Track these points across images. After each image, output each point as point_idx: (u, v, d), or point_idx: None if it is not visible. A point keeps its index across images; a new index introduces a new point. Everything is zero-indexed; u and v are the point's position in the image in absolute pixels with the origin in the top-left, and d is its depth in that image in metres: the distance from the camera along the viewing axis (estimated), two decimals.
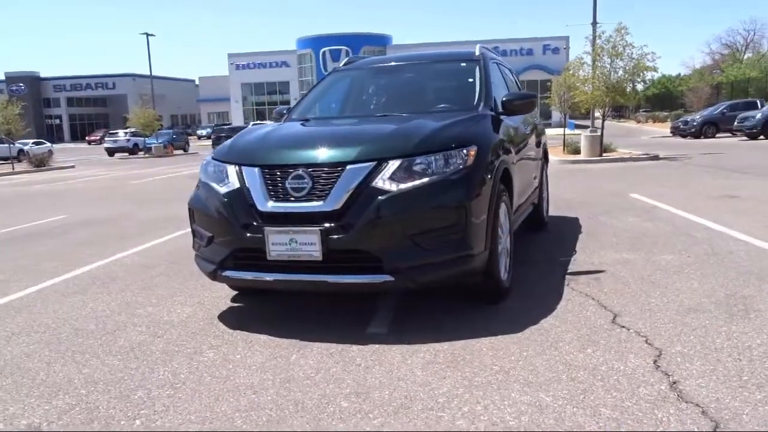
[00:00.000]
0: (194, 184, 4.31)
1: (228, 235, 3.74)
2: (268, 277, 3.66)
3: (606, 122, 19.73)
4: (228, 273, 3.79)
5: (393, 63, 5.65)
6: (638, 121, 54.70)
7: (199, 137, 60.71)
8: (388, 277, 3.48)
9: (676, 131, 33.54)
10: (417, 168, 3.56)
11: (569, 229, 6.88)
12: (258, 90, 65.08)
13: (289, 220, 3.57)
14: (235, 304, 4.46)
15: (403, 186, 3.50)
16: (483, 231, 3.68)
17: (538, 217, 6.51)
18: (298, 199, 3.58)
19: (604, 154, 18.43)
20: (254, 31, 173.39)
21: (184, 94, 79.86)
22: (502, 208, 4.07)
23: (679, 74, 62.78)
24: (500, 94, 4.91)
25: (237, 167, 3.83)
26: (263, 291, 4.46)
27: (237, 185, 3.76)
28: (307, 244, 3.49)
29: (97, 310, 4.52)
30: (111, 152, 39.91)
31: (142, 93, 52.30)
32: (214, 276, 3.88)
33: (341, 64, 5.70)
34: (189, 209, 4.12)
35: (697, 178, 11.63)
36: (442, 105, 4.77)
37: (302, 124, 4.65)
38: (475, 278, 3.77)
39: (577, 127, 45.74)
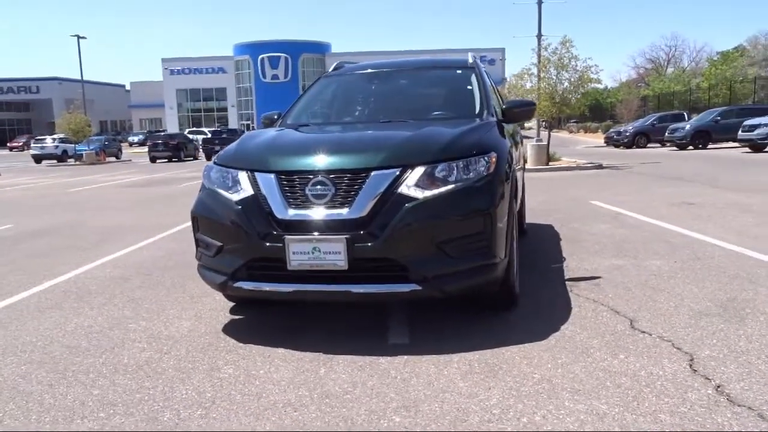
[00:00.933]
0: (138, 192, 4.15)
1: (242, 244, 3.56)
2: (287, 288, 3.50)
3: (543, 132, 20.27)
4: (241, 284, 3.61)
5: (386, 69, 5.57)
6: (570, 132, 56.52)
7: (131, 144, 58.81)
8: (415, 286, 3.40)
9: (609, 141, 34.86)
10: (439, 175, 3.50)
11: (548, 236, 6.97)
12: (194, 96, 63.66)
13: (310, 228, 3.43)
14: (236, 317, 4.27)
15: (428, 193, 3.42)
16: (504, 238, 3.65)
17: (519, 223, 6.54)
18: (319, 207, 3.44)
19: (550, 163, 18.89)
20: (189, 36, 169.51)
21: (114, 99, 77.25)
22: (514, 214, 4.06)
23: (606, 87, 65.21)
24: (493, 102, 4.91)
25: (248, 173, 3.66)
26: (264, 303, 4.28)
27: (250, 192, 3.59)
28: (332, 252, 3.36)
29: (83, 325, 4.23)
30: (38, 159, 38.07)
31: (69, 98, 50.23)
32: (224, 288, 3.69)
33: (330, 70, 5.58)
34: (193, 217, 3.91)
35: (647, 186, 12.05)
36: (444, 112, 4.73)
37: (308, 130, 4.50)
38: (495, 286, 3.72)
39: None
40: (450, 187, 3.47)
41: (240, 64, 60.66)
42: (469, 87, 4.94)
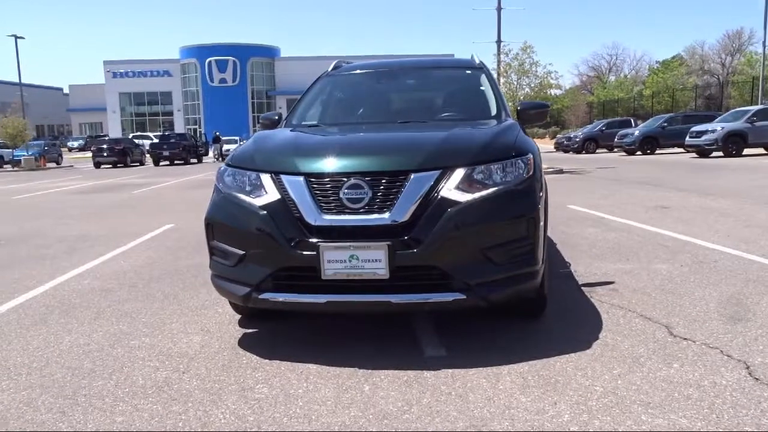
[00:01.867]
0: (91, 199, 3.86)
1: (269, 252, 3.30)
2: (320, 299, 3.26)
3: None
4: (268, 296, 3.34)
5: (392, 68, 5.36)
6: None
7: (70, 149, 56.66)
8: (459, 295, 3.21)
9: (559, 146, 35.58)
10: (479, 177, 3.32)
11: None
12: (137, 100, 61.84)
13: (346, 234, 3.20)
14: (249, 330, 3.98)
15: (471, 196, 3.24)
16: (542, 244, 3.50)
17: None
18: (355, 211, 3.22)
19: None
20: (132, 38, 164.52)
21: (51, 102, 74.28)
22: None
23: (552, 93, 66.74)
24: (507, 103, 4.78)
25: (272, 176, 3.40)
26: (278, 315, 4.01)
27: (276, 196, 3.33)
28: (371, 260, 3.14)
29: (78, 343, 3.86)
30: None
31: (4, 101, 47.99)
32: (247, 300, 3.41)
33: (330, 69, 5.33)
34: (207, 224, 3.61)
35: (614, 190, 12.20)
36: (460, 113, 4.55)
37: (328, 131, 4.25)
38: (533, 294, 3.56)
39: None
40: (492, 190, 3.29)
41: (186, 67, 59.25)
42: (482, 88, 4.79)
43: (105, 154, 33.33)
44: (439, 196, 3.20)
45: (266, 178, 3.41)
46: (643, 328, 3.70)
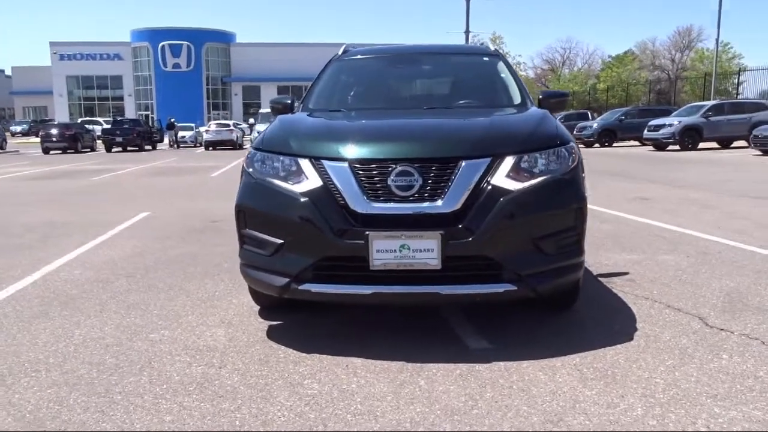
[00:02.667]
0: (47, 186, 3.71)
1: (312, 241, 3.15)
2: (367, 290, 3.12)
3: None
4: (309, 287, 3.19)
5: (408, 53, 5.22)
6: None
7: (13, 134, 54.33)
8: (510, 286, 3.13)
9: None
10: (526, 165, 3.24)
11: None
12: (86, 83, 59.67)
13: (396, 223, 3.07)
14: (274, 322, 3.82)
15: (521, 185, 3.16)
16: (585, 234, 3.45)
17: None
18: (405, 199, 3.09)
19: None
20: (79, 21, 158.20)
21: None
22: None
23: None
24: None
25: (312, 161, 3.24)
26: (299, 306, 3.86)
27: (318, 183, 3.18)
28: (423, 250, 3.03)
29: (92, 337, 3.64)
30: None
31: None
32: (285, 291, 3.25)
33: (339, 53, 5.15)
34: (239, 211, 3.42)
35: (591, 181, 12.32)
36: (485, 100, 4.46)
37: (359, 116, 4.09)
38: (575, 285, 3.51)
39: None
40: (541, 179, 3.22)
41: (138, 51, 57.44)
42: (502, 75, 4.70)
43: (55, 140, 32.02)
44: (490, 184, 3.11)
45: (305, 164, 3.25)
46: (677, 319, 3.70)
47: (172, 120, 37.59)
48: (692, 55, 52.14)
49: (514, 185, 3.14)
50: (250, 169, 3.48)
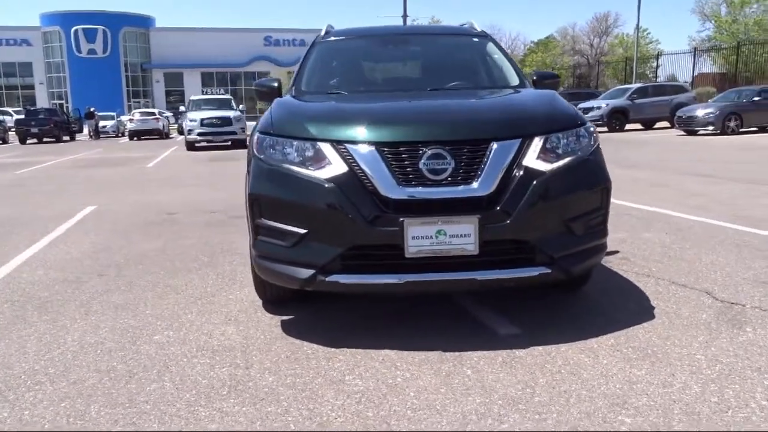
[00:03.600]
0: None
1: (340, 230, 2.99)
2: (399, 279, 3.00)
3: None
4: (337, 278, 3.03)
5: (397, 34, 5.06)
6: None
7: None
8: (544, 269, 3.08)
9: None
10: (553, 146, 3.18)
11: None
12: None
13: (431, 208, 2.95)
14: (284, 317, 3.63)
15: (551, 166, 3.10)
16: None
17: None
18: (438, 183, 2.98)
19: None
20: None
21: None
22: None
23: None
24: None
25: (334, 144, 3.07)
26: (305, 297, 3.69)
27: (344, 168, 3.01)
28: (460, 235, 2.93)
29: (89, 342, 3.36)
30: None
31: None
32: (310, 283, 3.07)
33: (322, 34, 4.92)
34: (253, 199, 3.21)
35: None
36: (484, 81, 4.39)
37: (370, 97, 3.90)
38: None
39: None
40: (568, 159, 3.17)
41: (49, 36, 54.11)
42: (496, 56, 4.63)
43: None
44: (522, 166, 3.04)
45: (327, 148, 3.08)
46: (687, 295, 3.76)
47: (92, 109, 35.74)
48: (611, 40, 54.10)
49: (545, 166, 3.07)
50: (262, 156, 3.27)
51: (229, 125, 21.77)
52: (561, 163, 3.13)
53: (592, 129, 3.38)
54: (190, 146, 21.41)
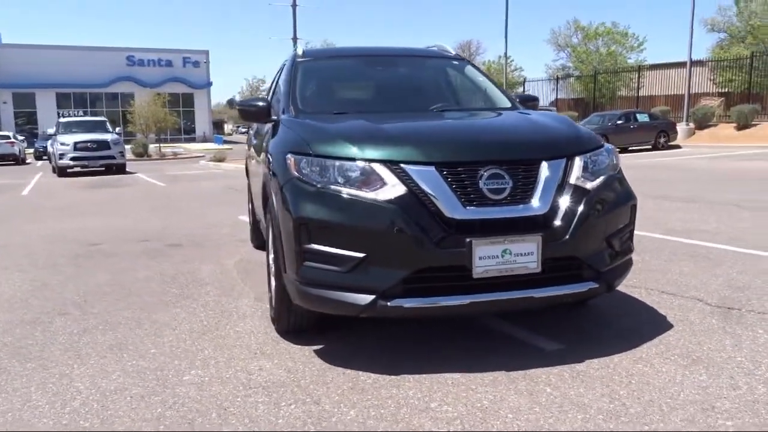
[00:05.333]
0: None
1: (404, 252, 2.91)
2: (464, 300, 2.97)
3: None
4: (400, 302, 2.94)
5: (380, 56, 5.00)
6: None
7: None
8: (593, 284, 3.18)
9: None
10: (588, 165, 3.30)
11: None
12: None
13: (495, 228, 2.96)
14: (316, 347, 3.45)
15: (593, 184, 3.23)
16: None
17: None
18: (498, 203, 3.00)
19: None
20: None
21: None
22: None
23: None
24: None
25: (389, 165, 3.00)
26: (329, 324, 3.57)
27: (402, 189, 2.95)
28: (524, 254, 2.96)
29: (108, 389, 3.01)
30: None
31: None
32: (370, 309, 2.95)
33: (300, 54, 4.77)
34: (300, 224, 3.04)
35: None
36: (481, 102, 4.49)
37: (385, 117, 3.81)
38: None
39: (226, 142, 46.16)
40: (603, 177, 3.32)
41: None
42: (480, 78, 4.75)
43: None
44: (571, 184, 3.14)
45: (380, 169, 3.00)
46: (684, 303, 4.02)
47: None
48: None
49: (588, 184, 3.19)
50: (303, 177, 3.11)
51: (106, 149, 20.50)
52: (598, 181, 3.26)
53: (611, 148, 3.55)
54: (62, 172, 19.87)
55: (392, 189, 2.95)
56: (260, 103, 4.18)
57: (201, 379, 3.06)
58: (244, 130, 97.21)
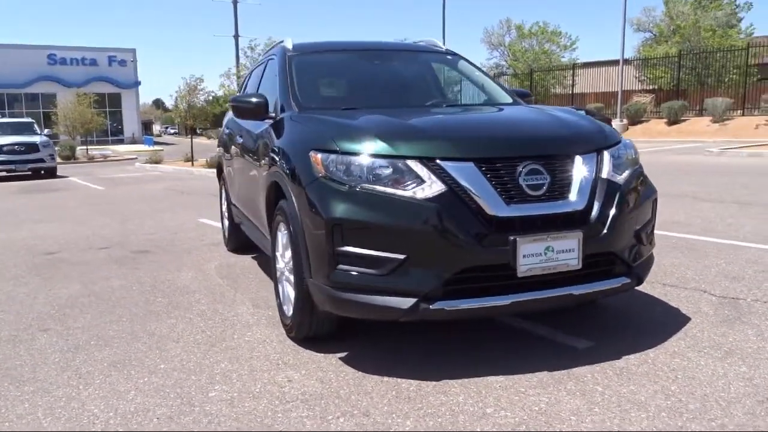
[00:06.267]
0: None
1: (447, 252, 2.80)
2: (506, 300, 2.88)
3: (183, 139, 20.02)
4: (442, 305, 2.82)
5: (375, 50, 4.82)
6: (209, 137, 56.06)
7: None
8: (625, 279, 3.16)
9: None
10: (615, 159, 3.27)
11: None
12: None
13: (537, 225, 2.89)
14: (341, 354, 3.29)
15: (621, 178, 3.21)
16: None
17: None
18: (537, 199, 2.92)
19: None
20: None
21: None
22: None
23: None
24: None
25: (424, 162, 2.88)
26: (345, 329, 3.43)
27: (441, 186, 2.83)
28: (566, 251, 2.90)
29: (127, 410, 2.77)
30: None
31: None
32: (412, 313, 2.82)
33: (289, 48, 4.54)
34: (333, 225, 2.87)
35: None
36: (486, 96, 4.40)
37: (406, 112, 3.66)
38: None
39: (157, 143, 44.74)
40: (629, 172, 3.30)
41: None
42: (477, 73, 4.68)
43: None
44: (604, 179, 3.10)
45: (416, 165, 2.87)
46: (689, 295, 4.07)
47: None
48: None
49: (618, 178, 3.16)
50: (332, 176, 2.95)
51: (35, 152, 19.43)
52: (626, 175, 3.24)
53: (630, 142, 3.54)
54: None
55: (431, 186, 2.83)
56: (257, 99, 3.97)
57: (229, 395, 2.85)
58: (173, 131, 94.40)
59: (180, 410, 2.72)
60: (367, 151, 2.95)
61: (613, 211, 3.03)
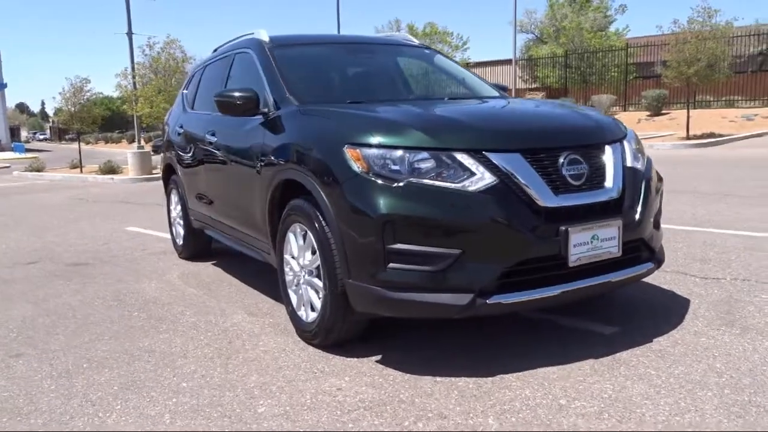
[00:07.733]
0: None
1: (503, 245, 2.76)
2: (556, 290, 2.88)
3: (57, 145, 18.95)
4: (498, 299, 2.78)
5: (354, 43, 4.67)
6: (87, 143, 52.76)
7: None
8: (650, 264, 3.28)
9: (158, 149, 34.36)
10: (632, 149, 3.38)
11: None
12: None
13: (582, 214, 2.92)
14: (375, 356, 3.17)
15: (640, 166, 3.33)
16: None
17: None
18: (578, 188, 2.96)
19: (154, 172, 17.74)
20: None
21: None
22: None
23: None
24: None
25: (472, 154, 2.83)
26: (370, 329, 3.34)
27: (492, 178, 2.80)
28: (608, 239, 2.96)
29: (192, 425, 2.52)
30: None
31: None
32: (468, 309, 2.75)
33: (266, 41, 4.30)
34: (386, 222, 2.76)
35: None
36: (472, 90, 4.40)
37: (424, 103, 3.56)
38: None
39: (29, 150, 41.70)
40: (644, 160, 3.43)
41: None
42: (456, 67, 4.67)
43: None
44: (629, 167, 3.19)
45: (464, 158, 2.82)
46: (675, 278, 4.27)
47: None
48: None
49: (639, 166, 3.27)
50: (377, 171, 2.83)
51: None
52: (644, 162, 3.36)
53: (634, 133, 3.67)
54: None
55: (482, 178, 2.78)
56: (249, 94, 3.75)
57: (282, 409, 2.66)
58: (42, 136, 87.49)
59: (235, 429, 2.50)
60: (411, 144, 2.85)
61: (642, 198, 3.12)
